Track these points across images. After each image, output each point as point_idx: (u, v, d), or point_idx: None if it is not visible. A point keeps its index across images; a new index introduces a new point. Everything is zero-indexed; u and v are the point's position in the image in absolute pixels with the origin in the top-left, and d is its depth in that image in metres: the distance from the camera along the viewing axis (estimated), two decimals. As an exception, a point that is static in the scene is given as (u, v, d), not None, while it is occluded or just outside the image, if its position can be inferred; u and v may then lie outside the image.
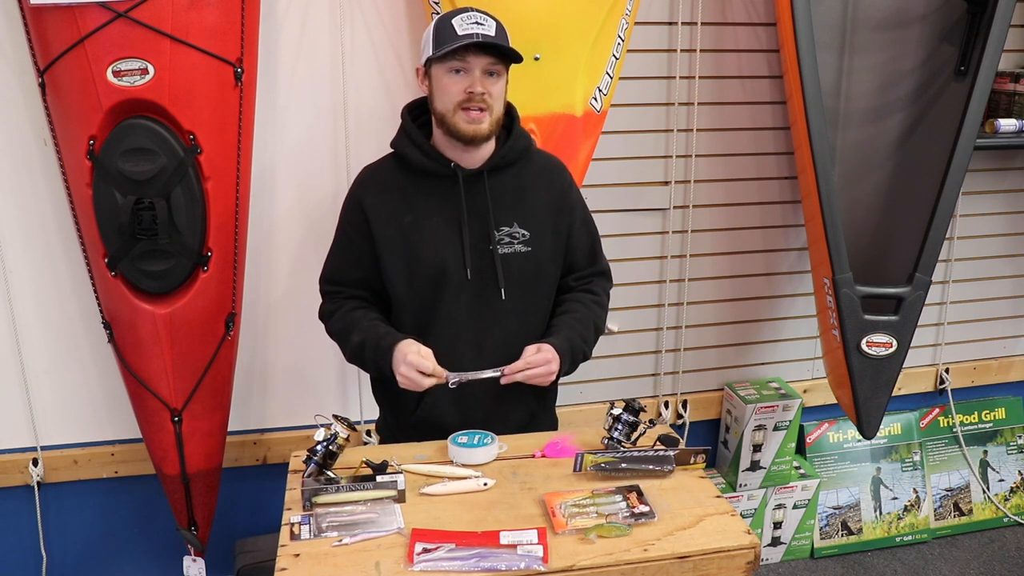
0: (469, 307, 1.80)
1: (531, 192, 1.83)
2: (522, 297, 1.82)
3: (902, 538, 3.01)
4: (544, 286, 1.87)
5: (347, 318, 1.85)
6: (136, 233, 1.97)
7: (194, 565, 2.32)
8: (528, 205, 1.82)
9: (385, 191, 1.81)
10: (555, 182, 1.88)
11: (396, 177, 1.82)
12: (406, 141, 1.80)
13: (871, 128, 2.59)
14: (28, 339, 2.33)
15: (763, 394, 2.83)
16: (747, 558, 1.42)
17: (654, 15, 2.49)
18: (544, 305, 1.88)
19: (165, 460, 2.18)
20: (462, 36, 1.65)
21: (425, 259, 1.77)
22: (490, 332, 1.81)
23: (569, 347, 1.79)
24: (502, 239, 1.79)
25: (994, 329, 3.14)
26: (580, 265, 1.93)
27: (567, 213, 1.87)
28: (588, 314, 1.87)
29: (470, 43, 1.65)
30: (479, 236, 1.78)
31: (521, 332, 1.82)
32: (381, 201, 1.80)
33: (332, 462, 1.59)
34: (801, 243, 2.78)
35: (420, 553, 1.37)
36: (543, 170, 1.88)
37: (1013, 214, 3.01)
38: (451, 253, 1.77)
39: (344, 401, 2.57)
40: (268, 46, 2.23)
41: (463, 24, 1.67)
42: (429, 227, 1.78)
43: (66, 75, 1.90)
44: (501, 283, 1.78)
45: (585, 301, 1.90)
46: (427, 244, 1.77)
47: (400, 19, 2.32)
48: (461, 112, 1.70)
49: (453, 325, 1.80)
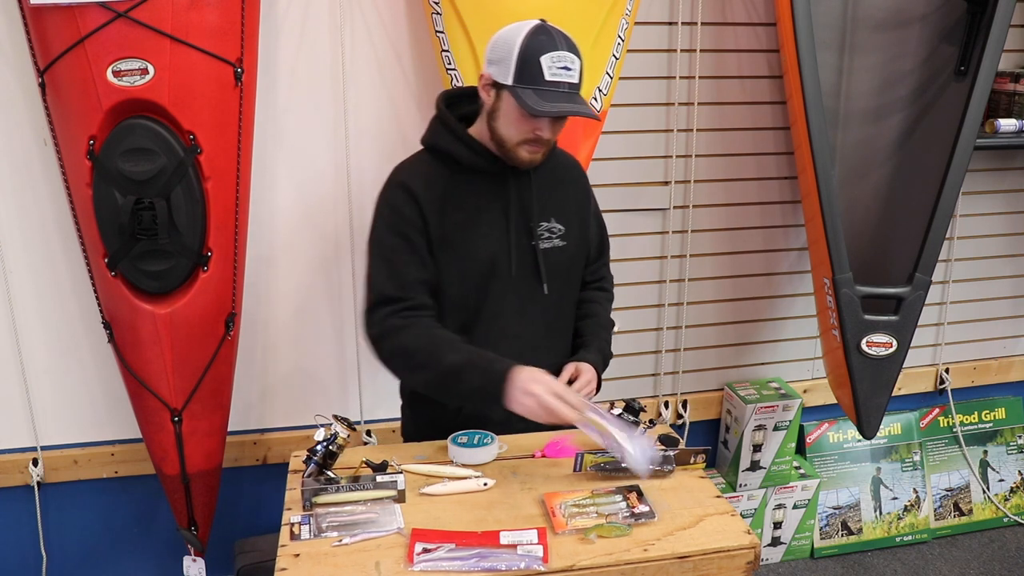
0: (513, 303, 1.79)
1: (562, 187, 1.86)
2: (560, 290, 1.85)
3: (902, 538, 3.01)
4: (575, 278, 1.91)
5: (430, 336, 1.68)
6: (136, 233, 1.97)
7: (194, 565, 2.32)
8: (561, 199, 1.85)
9: (432, 188, 1.75)
10: (578, 176, 1.93)
11: (440, 174, 1.75)
12: (451, 138, 1.75)
13: (871, 128, 2.59)
14: (28, 339, 2.33)
15: (763, 394, 2.83)
16: (747, 558, 1.42)
17: (654, 15, 2.49)
18: (575, 296, 1.93)
19: (165, 460, 2.18)
20: (549, 83, 1.60)
21: (476, 257, 1.75)
22: (532, 326, 1.82)
23: (602, 358, 1.87)
24: (542, 234, 1.80)
25: (994, 329, 3.14)
26: (592, 257, 1.96)
27: (587, 207, 1.91)
28: (607, 317, 1.96)
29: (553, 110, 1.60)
30: (521, 232, 1.78)
31: (561, 325, 1.88)
32: (432, 197, 1.73)
33: (332, 462, 1.58)
34: (801, 243, 2.78)
35: (420, 553, 1.37)
36: (568, 165, 1.91)
37: (1013, 214, 3.02)
38: (499, 250, 1.77)
39: (344, 401, 2.57)
40: (268, 46, 2.23)
41: (552, 67, 1.60)
42: (479, 224, 1.75)
43: (66, 75, 1.90)
44: (544, 278, 1.80)
45: (601, 301, 1.97)
46: (478, 241, 1.75)
47: (400, 19, 2.32)
48: (524, 145, 1.69)
49: (498, 321, 1.79)
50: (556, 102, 1.60)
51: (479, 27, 2.07)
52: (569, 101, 1.61)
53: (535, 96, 1.60)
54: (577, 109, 1.62)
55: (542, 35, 1.63)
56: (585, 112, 1.63)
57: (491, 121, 1.70)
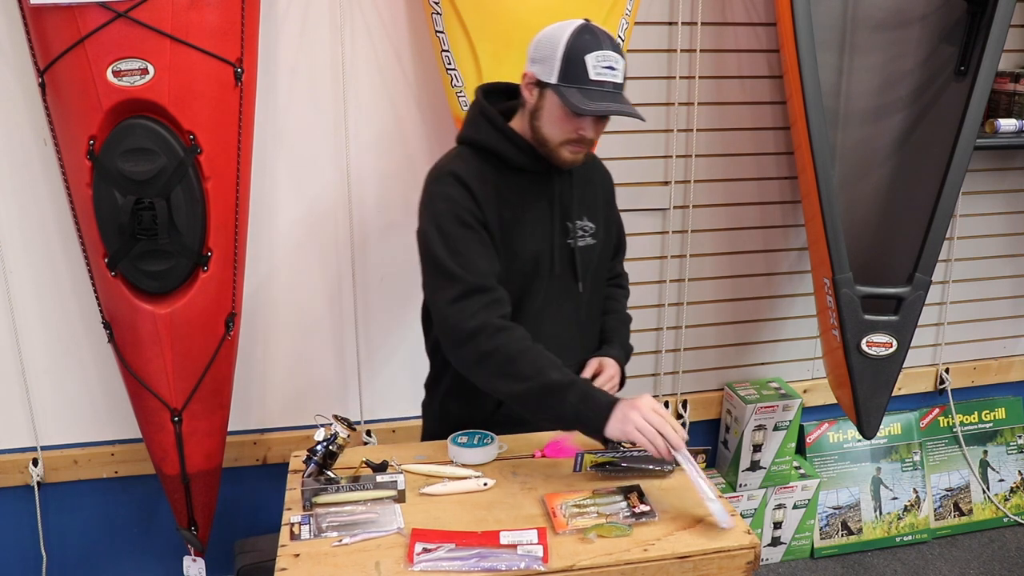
0: (552, 301, 1.80)
1: (592, 186, 1.87)
2: (592, 288, 1.87)
3: (902, 538, 3.01)
4: (603, 276, 1.94)
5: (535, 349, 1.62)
6: (136, 233, 1.97)
7: (194, 565, 2.32)
8: (592, 198, 1.86)
9: (484, 183, 1.72)
10: (603, 175, 1.94)
11: (487, 170, 1.72)
12: (497, 135, 1.72)
13: (871, 128, 2.59)
14: (28, 339, 2.33)
15: (763, 394, 2.83)
16: (747, 558, 1.42)
17: (654, 15, 2.49)
18: (602, 294, 1.95)
19: (165, 460, 2.18)
20: (593, 82, 1.59)
21: (522, 255, 1.75)
22: (567, 324, 1.83)
23: (625, 354, 1.92)
24: (577, 232, 1.81)
25: (994, 329, 3.14)
26: (611, 255, 1.98)
27: (612, 205, 1.94)
28: (627, 314, 2.01)
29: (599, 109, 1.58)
30: (559, 230, 1.79)
31: (592, 322, 1.90)
32: (485, 192, 1.70)
33: (332, 462, 1.58)
34: (801, 243, 2.78)
35: (420, 553, 1.37)
36: (595, 167, 1.92)
37: (1013, 214, 3.02)
38: (542, 248, 1.77)
39: (344, 401, 2.57)
40: (268, 46, 2.23)
41: (597, 66, 1.59)
42: (525, 222, 1.74)
43: (66, 75, 1.90)
44: (579, 276, 1.81)
45: (620, 297, 2.01)
46: (524, 240, 1.75)
47: (400, 19, 2.32)
48: (567, 145, 1.67)
49: (537, 319, 1.78)
50: (601, 101, 1.59)
51: (479, 27, 2.08)
52: (614, 100, 1.61)
53: (580, 95, 1.59)
54: (622, 108, 1.61)
55: (587, 34, 1.61)
56: (630, 112, 1.62)
57: (533, 120, 1.69)
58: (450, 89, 2.17)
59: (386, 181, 2.42)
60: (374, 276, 2.48)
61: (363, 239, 2.44)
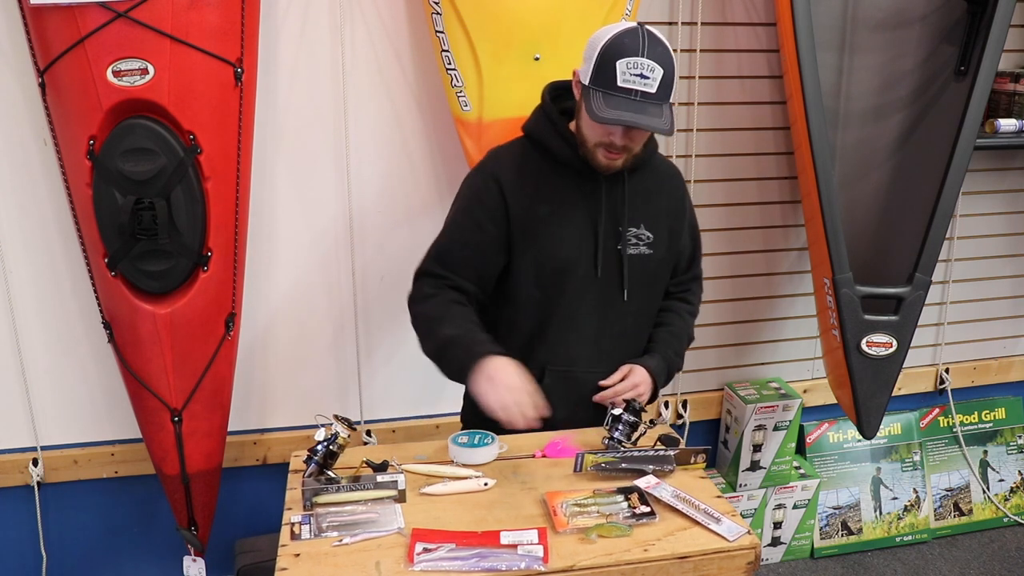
0: (592, 306, 1.78)
1: (656, 195, 1.82)
2: (641, 298, 1.82)
3: (902, 538, 3.01)
4: (659, 288, 1.89)
5: (445, 308, 1.72)
6: (136, 233, 1.97)
7: (194, 565, 2.32)
8: (654, 208, 1.81)
9: (523, 176, 1.73)
10: (676, 187, 1.88)
11: (533, 164, 1.74)
12: (550, 130, 1.73)
13: (871, 128, 2.59)
14: (28, 339, 2.33)
15: (763, 394, 2.83)
16: (747, 558, 1.42)
17: (654, 15, 2.49)
18: (655, 307, 1.90)
19: (165, 460, 2.18)
20: (620, 89, 1.56)
21: (556, 253, 1.74)
22: (609, 332, 1.80)
23: (665, 366, 1.83)
24: (629, 240, 1.77)
25: (994, 329, 3.14)
26: (681, 269, 1.93)
27: (681, 219, 1.87)
28: (683, 327, 1.92)
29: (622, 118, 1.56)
30: (609, 235, 1.76)
31: (637, 333, 1.85)
32: (520, 186, 1.72)
33: (332, 462, 1.59)
34: (801, 243, 2.78)
35: (420, 553, 1.37)
36: (667, 175, 1.87)
37: (1013, 214, 3.02)
38: (583, 250, 1.75)
39: (344, 401, 2.57)
40: (268, 46, 2.23)
41: (626, 73, 1.55)
42: (564, 221, 1.73)
43: (66, 75, 1.90)
44: (625, 284, 1.78)
45: (682, 312, 1.94)
46: (560, 238, 1.73)
47: (400, 19, 2.31)
48: (600, 148, 1.66)
49: (574, 321, 1.77)
50: (620, 109, 1.56)
51: (479, 27, 2.08)
52: (636, 111, 1.56)
53: (602, 100, 1.57)
54: (637, 120, 1.56)
55: (627, 38, 1.57)
56: (647, 124, 1.57)
57: (577, 119, 1.70)
58: (450, 89, 2.17)
59: (386, 181, 2.42)
60: (374, 276, 2.48)
61: (363, 239, 2.44)
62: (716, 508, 1.51)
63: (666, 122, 1.58)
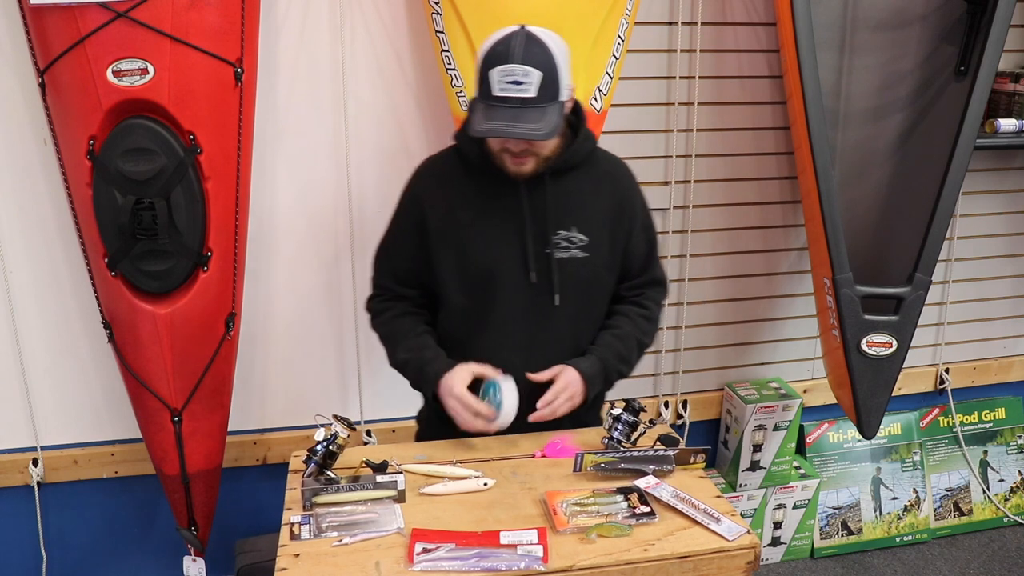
0: (521, 311, 1.75)
1: (592, 197, 1.77)
2: (575, 302, 1.77)
3: (902, 538, 3.01)
4: (599, 292, 1.82)
5: (393, 325, 1.82)
6: (136, 233, 1.97)
7: (194, 565, 2.32)
8: (589, 210, 1.76)
9: (444, 185, 1.75)
10: (619, 187, 1.81)
11: (456, 172, 1.75)
12: (466, 138, 1.72)
13: (871, 128, 2.59)
14: (28, 339, 2.33)
15: (763, 394, 2.83)
16: (747, 558, 1.42)
17: (654, 15, 2.49)
18: (598, 312, 1.84)
19: (165, 460, 2.18)
20: (497, 99, 1.55)
21: (479, 259, 1.73)
22: (541, 337, 1.77)
23: (601, 368, 1.77)
24: (559, 243, 1.73)
25: (994, 329, 3.14)
26: (634, 272, 1.86)
27: (627, 219, 1.80)
28: (632, 331, 1.83)
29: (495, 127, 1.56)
30: (535, 239, 1.73)
31: (572, 338, 1.79)
32: (439, 195, 1.75)
33: (332, 462, 1.59)
34: (801, 243, 2.78)
35: (420, 553, 1.37)
36: (607, 174, 1.81)
37: (1013, 214, 3.02)
38: (508, 255, 1.73)
39: (344, 401, 2.58)
40: (268, 46, 2.23)
41: (500, 82, 1.55)
42: (486, 227, 1.73)
43: (66, 75, 1.90)
44: (556, 288, 1.73)
45: (632, 315, 1.85)
46: (483, 244, 1.73)
47: (400, 19, 2.32)
48: (505, 155, 1.65)
49: (504, 327, 1.75)
50: (495, 120, 1.55)
51: (479, 27, 2.07)
52: (511, 119, 1.55)
53: (482, 112, 1.57)
54: (508, 130, 1.54)
55: (500, 46, 1.57)
56: (517, 133, 1.55)
57: None
58: (450, 89, 2.17)
59: (386, 181, 2.42)
60: (374, 276, 2.48)
61: (363, 239, 2.44)
62: (716, 508, 1.51)
63: (544, 127, 1.55)
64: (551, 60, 1.58)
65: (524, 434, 1.80)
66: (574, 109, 1.74)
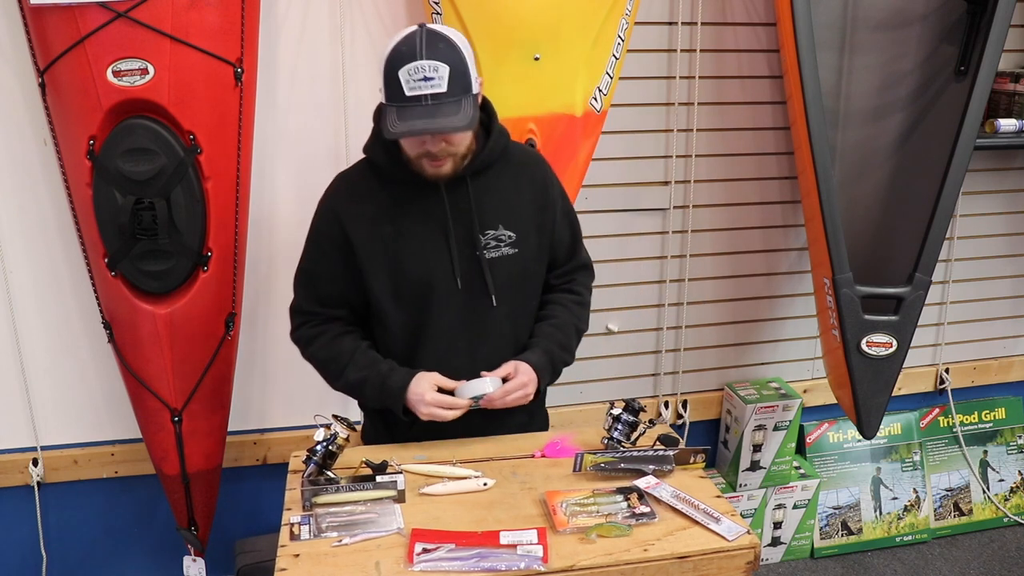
0: (460, 316, 1.73)
1: (513, 191, 1.74)
2: (512, 300, 1.76)
3: (902, 538, 3.01)
4: (532, 286, 1.81)
5: (335, 348, 1.76)
6: (136, 233, 1.97)
7: (194, 565, 2.32)
8: (511, 205, 1.74)
9: (361, 201, 1.71)
10: (536, 177, 1.79)
11: (372, 185, 1.72)
12: (378, 148, 1.69)
13: (871, 128, 2.59)
14: (28, 339, 2.33)
15: (763, 394, 2.82)
16: (747, 558, 1.42)
17: (654, 15, 2.49)
18: (532, 305, 1.83)
19: (165, 460, 2.18)
20: (409, 99, 1.53)
21: (411, 271, 1.70)
22: (483, 340, 1.75)
23: (548, 360, 1.76)
24: (488, 243, 1.71)
25: (994, 329, 3.14)
26: (561, 260, 1.85)
27: (550, 208, 1.78)
28: (569, 319, 1.83)
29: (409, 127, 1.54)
30: (464, 242, 1.70)
31: (512, 335, 1.78)
32: (359, 211, 1.70)
33: (332, 462, 1.59)
34: (801, 243, 2.78)
35: (420, 553, 1.37)
36: (523, 166, 1.78)
37: (1013, 214, 3.01)
38: (438, 263, 1.70)
39: (344, 401, 2.56)
40: (268, 46, 2.23)
41: (410, 81, 1.53)
42: (412, 237, 1.69)
43: (66, 75, 1.90)
44: (491, 290, 1.72)
45: (566, 303, 1.84)
46: (412, 255, 1.69)
47: (400, 19, 2.32)
48: (422, 159, 1.62)
49: (445, 336, 1.73)
50: (412, 119, 1.53)
51: (479, 27, 2.07)
52: (428, 115, 1.53)
53: (395, 115, 1.55)
54: (428, 126, 1.53)
55: (404, 46, 1.56)
56: (437, 128, 1.54)
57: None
58: (450, 89, 2.16)
59: (386, 181, 2.42)
60: (374, 276, 2.48)
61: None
62: (716, 508, 1.51)
63: (463, 118, 1.55)
64: (457, 53, 1.57)
65: (524, 434, 1.80)
66: (483, 107, 1.71)
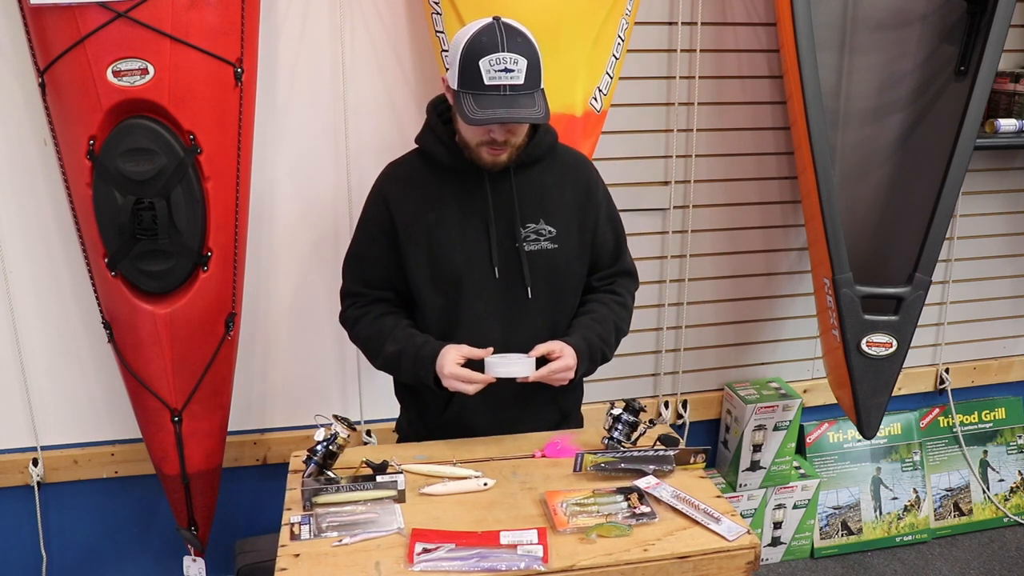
0: (495, 306, 1.77)
1: (556, 189, 1.81)
2: (548, 295, 1.80)
3: (902, 538, 3.01)
4: (570, 283, 1.85)
5: (377, 325, 1.81)
6: (136, 233, 1.97)
7: (194, 565, 2.32)
8: (554, 202, 1.80)
9: (409, 187, 1.78)
10: (581, 178, 1.85)
11: (421, 173, 1.79)
12: (431, 138, 1.77)
13: (871, 128, 2.59)
14: (28, 339, 2.33)
15: (763, 394, 2.83)
16: (747, 558, 1.42)
17: (654, 15, 2.49)
18: (571, 303, 1.86)
19: (165, 460, 2.18)
20: (488, 87, 1.58)
21: (450, 257, 1.75)
22: (517, 331, 1.78)
23: (586, 346, 1.76)
24: (528, 236, 1.76)
25: (994, 329, 3.14)
26: (604, 264, 1.89)
27: (593, 210, 1.84)
28: (608, 314, 1.85)
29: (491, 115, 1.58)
30: (504, 233, 1.76)
31: (547, 330, 1.80)
32: (405, 197, 1.77)
33: (332, 462, 1.59)
34: (801, 243, 2.78)
35: (420, 553, 1.37)
36: (569, 166, 1.85)
37: (1013, 214, 3.02)
38: (477, 251, 1.75)
39: (344, 401, 2.57)
40: (268, 46, 2.23)
41: (490, 71, 1.58)
42: (454, 224, 1.75)
43: (66, 75, 1.90)
44: (527, 281, 1.76)
45: (606, 302, 1.87)
46: (452, 242, 1.75)
47: (400, 19, 2.32)
48: (483, 147, 1.68)
49: (479, 324, 1.77)
50: (492, 108, 1.58)
51: (479, 27, 2.07)
52: (508, 106, 1.58)
53: (473, 102, 1.59)
54: (511, 115, 1.58)
55: (484, 36, 1.60)
56: (520, 118, 1.59)
57: (455, 124, 1.71)
58: (450, 89, 2.17)
59: (386, 181, 2.42)
60: (374, 276, 2.48)
61: (363, 239, 2.44)
62: (716, 508, 1.51)
63: (539, 111, 1.60)
64: (533, 48, 1.63)
65: (524, 434, 1.80)
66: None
